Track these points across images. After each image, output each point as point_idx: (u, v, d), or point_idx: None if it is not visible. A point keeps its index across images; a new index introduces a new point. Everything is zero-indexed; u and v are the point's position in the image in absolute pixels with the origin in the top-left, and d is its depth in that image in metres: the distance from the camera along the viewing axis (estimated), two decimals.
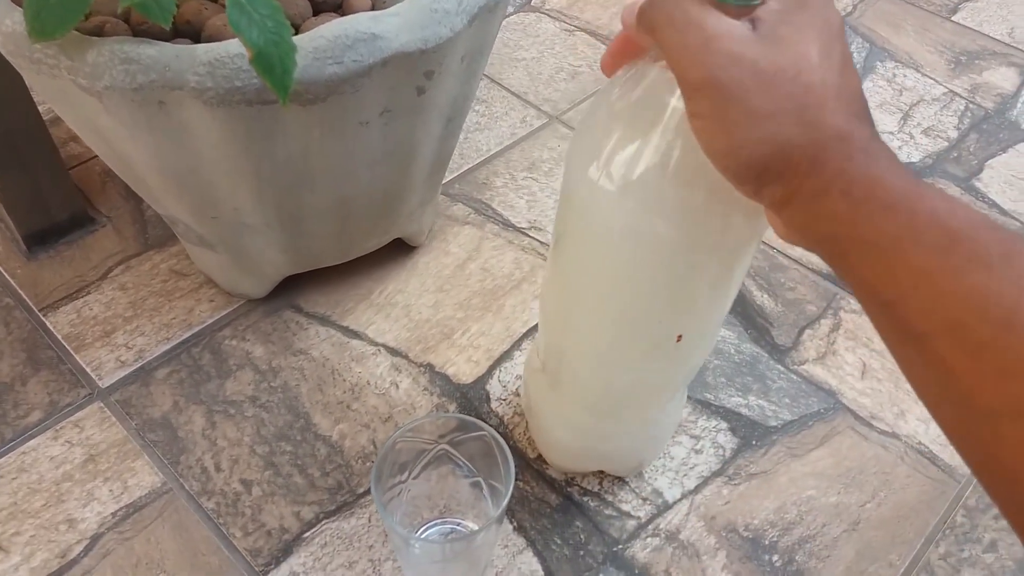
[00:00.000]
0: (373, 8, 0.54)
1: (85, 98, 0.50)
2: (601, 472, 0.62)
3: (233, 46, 0.47)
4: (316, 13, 0.55)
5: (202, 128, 0.50)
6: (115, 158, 0.58)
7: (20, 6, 0.50)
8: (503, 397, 0.66)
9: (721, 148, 0.31)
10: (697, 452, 0.63)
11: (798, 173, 0.30)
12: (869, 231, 0.29)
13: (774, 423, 0.65)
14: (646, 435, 0.58)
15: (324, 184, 0.57)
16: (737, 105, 0.30)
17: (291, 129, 0.51)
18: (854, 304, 0.74)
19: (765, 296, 0.74)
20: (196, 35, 0.53)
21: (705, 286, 0.44)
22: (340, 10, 0.55)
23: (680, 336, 0.46)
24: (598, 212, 0.41)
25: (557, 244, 0.47)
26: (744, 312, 0.73)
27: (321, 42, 0.47)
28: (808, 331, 0.72)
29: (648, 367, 0.49)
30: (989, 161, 0.88)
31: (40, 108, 0.69)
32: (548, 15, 1.05)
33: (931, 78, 0.98)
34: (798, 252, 0.78)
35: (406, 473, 0.55)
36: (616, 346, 0.48)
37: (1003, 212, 0.83)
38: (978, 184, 0.85)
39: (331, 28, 0.48)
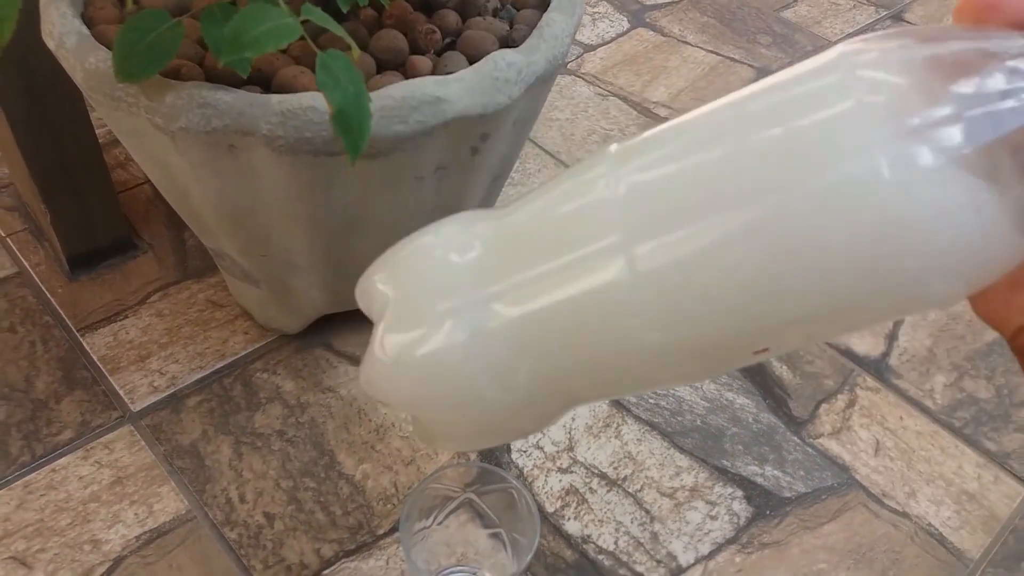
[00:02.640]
0: (434, 71, 0.57)
1: (158, 136, 0.52)
2: (617, 530, 0.63)
3: (306, 99, 0.50)
4: (380, 71, 0.58)
5: (267, 173, 0.53)
6: (174, 192, 0.60)
7: (104, 45, 0.53)
8: (523, 449, 0.68)
9: None
10: (712, 518, 0.65)
11: None
12: None
13: (788, 494, 0.67)
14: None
15: (374, 232, 0.59)
16: None
17: (351, 180, 0.54)
18: (871, 381, 0.75)
19: (784, 367, 0.76)
20: (266, 83, 0.55)
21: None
22: (403, 69, 0.58)
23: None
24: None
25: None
26: (763, 382, 0.75)
27: (389, 101, 0.50)
28: (825, 405, 0.73)
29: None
30: None
31: (97, 131, 0.72)
32: (583, 79, 1.09)
33: None
34: None
35: (431, 519, 0.56)
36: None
37: None
38: None
39: (399, 89, 0.50)
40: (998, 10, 0.26)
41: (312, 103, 0.49)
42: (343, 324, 0.75)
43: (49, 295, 0.76)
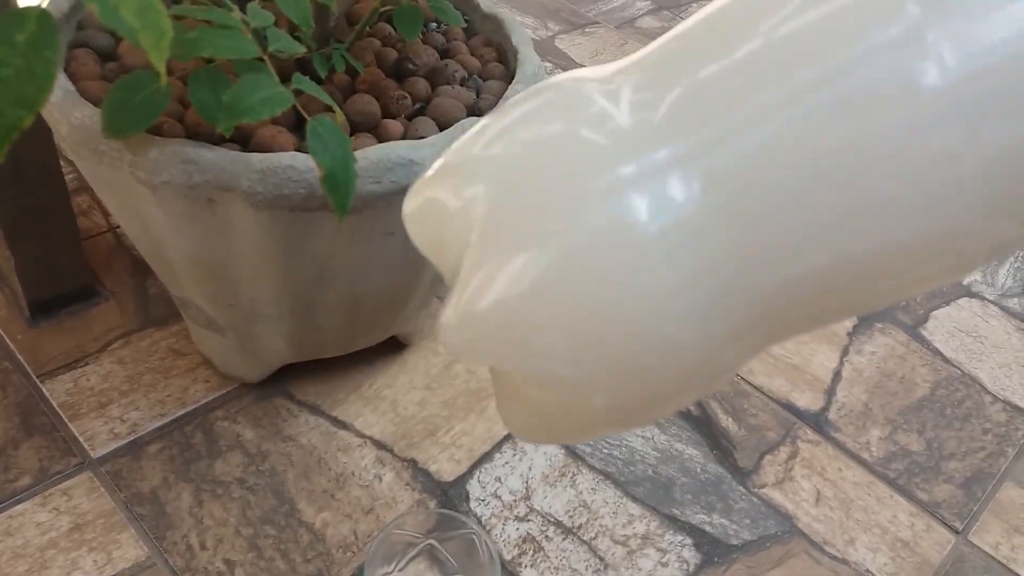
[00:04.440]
0: (405, 135, 0.60)
1: (139, 189, 0.54)
2: None
3: (285, 158, 0.52)
4: (353, 133, 0.60)
5: (244, 226, 0.55)
6: (148, 242, 0.62)
7: (89, 101, 0.55)
8: (482, 498, 0.70)
9: None
10: (663, 565, 0.67)
11: None
12: None
13: (735, 541, 0.70)
14: None
15: (342, 283, 0.62)
16: None
17: (324, 234, 0.56)
18: (811, 434, 0.79)
19: (730, 420, 0.80)
20: (244, 141, 0.58)
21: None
22: (376, 131, 0.61)
23: None
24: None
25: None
26: (710, 433, 0.78)
27: (365, 163, 0.53)
28: (768, 456, 0.77)
29: None
30: (934, 312, 0.96)
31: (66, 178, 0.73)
32: None
33: None
34: (760, 380, 0.84)
35: (392, 565, 0.58)
36: None
37: (945, 360, 0.90)
38: (924, 332, 0.93)
39: (375, 151, 0.53)
40: None
41: (291, 162, 0.52)
42: (302, 373, 0.76)
43: (8, 340, 0.76)
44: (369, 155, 0.53)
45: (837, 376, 0.86)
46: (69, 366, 0.75)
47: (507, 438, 0.75)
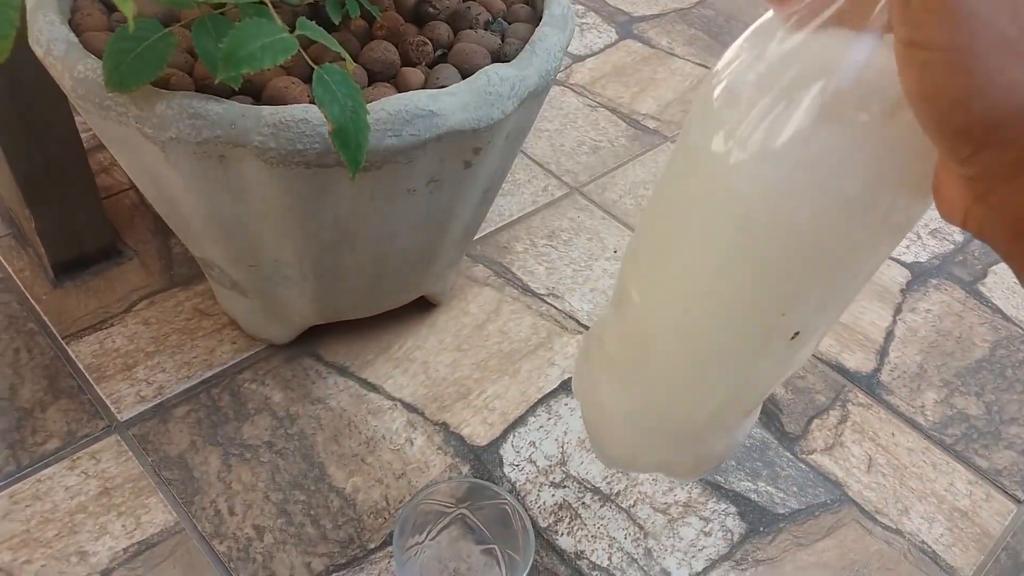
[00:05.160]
0: (425, 84, 0.57)
1: (148, 145, 0.51)
2: (610, 545, 0.62)
3: (298, 111, 0.49)
4: (371, 83, 0.57)
5: (258, 184, 0.52)
6: (163, 201, 0.59)
7: (93, 53, 0.52)
8: (516, 463, 0.67)
9: (950, 92, 0.24)
10: (706, 534, 0.64)
11: None
12: None
13: (782, 510, 0.66)
14: (716, 444, 0.50)
15: (365, 243, 0.59)
16: (988, 38, 0.23)
17: (343, 192, 0.53)
18: (862, 397, 0.75)
19: None
20: (256, 94, 0.55)
21: (839, 278, 0.37)
22: (394, 81, 0.57)
23: (796, 334, 0.39)
24: (727, 178, 0.34)
25: (664, 204, 0.40)
26: None
27: (382, 115, 0.49)
28: (817, 421, 0.73)
29: (749, 366, 0.42)
30: (993, 267, 0.91)
31: (83, 136, 0.71)
32: (572, 89, 1.09)
33: None
34: None
35: (423, 534, 0.56)
36: (720, 335, 0.41)
37: (1006, 318, 0.85)
38: (982, 288, 0.88)
39: (392, 103, 0.50)
40: None
41: (304, 115, 0.49)
42: (330, 334, 0.74)
43: (33, 302, 0.75)
44: (386, 106, 0.49)
45: (890, 335, 0.82)
46: (94, 327, 0.73)
47: (541, 401, 0.72)
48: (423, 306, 0.77)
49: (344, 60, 0.44)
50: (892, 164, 0.31)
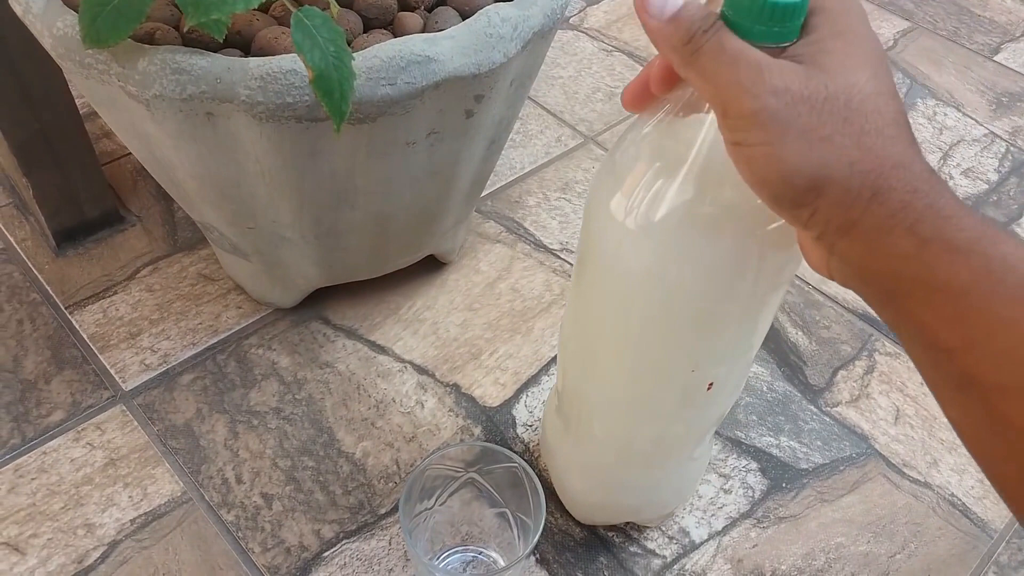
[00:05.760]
0: (424, 28, 0.54)
1: (133, 105, 0.49)
2: None
3: (286, 61, 0.46)
4: (367, 30, 0.54)
5: (248, 141, 0.50)
6: (155, 163, 0.57)
7: (72, 8, 0.49)
8: (529, 423, 0.66)
9: (775, 175, 0.30)
10: (726, 492, 0.62)
11: (860, 200, 0.29)
12: (939, 273, 0.28)
13: (805, 466, 0.64)
14: (674, 485, 0.56)
15: (365, 201, 0.56)
16: (792, 130, 0.29)
17: (338, 147, 0.51)
18: (889, 347, 0.72)
19: (799, 333, 0.73)
20: (246, 47, 0.52)
21: (736, 332, 0.42)
22: (391, 27, 0.54)
23: (711, 384, 0.44)
24: (619, 251, 0.39)
25: (579, 278, 0.45)
26: (778, 349, 0.72)
27: (375, 62, 0.47)
28: (842, 372, 0.70)
29: (677, 417, 0.47)
30: None
31: (77, 102, 0.69)
32: (587, 34, 1.05)
33: (972, 118, 0.97)
34: (833, 289, 0.77)
35: (433, 499, 0.54)
36: (642, 395, 0.46)
37: None
38: (1018, 229, 0.84)
39: (386, 49, 0.47)
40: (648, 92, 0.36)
41: (293, 66, 0.46)
42: (337, 297, 0.72)
43: (36, 271, 0.74)
44: (379, 53, 0.47)
45: None
46: (97, 295, 0.72)
47: (554, 360, 0.70)
48: (432, 265, 0.75)
49: (328, 4, 0.41)
50: (757, 229, 0.36)
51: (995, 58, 1.06)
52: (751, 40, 0.31)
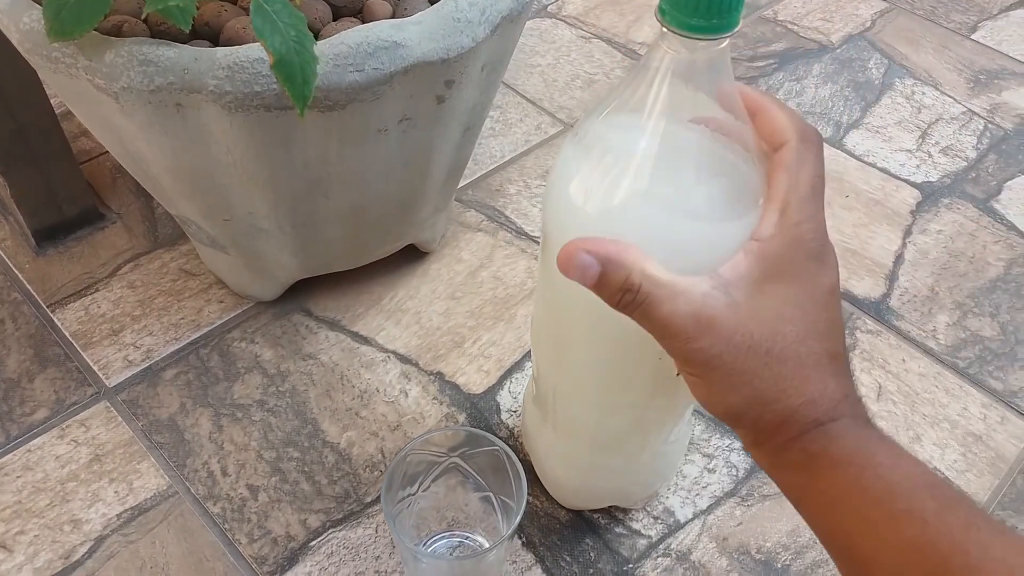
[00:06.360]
0: (394, 15, 0.54)
1: (102, 98, 0.49)
2: None
3: (253, 50, 0.46)
4: (336, 18, 0.54)
5: (219, 132, 0.50)
6: (129, 158, 0.57)
7: (38, 3, 0.49)
8: (513, 409, 0.66)
9: (703, 400, 0.36)
10: (710, 471, 0.63)
11: (767, 429, 0.35)
12: (823, 482, 0.34)
13: None
14: (653, 468, 0.56)
15: (340, 191, 0.56)
16: (717, 373, 0.34)
17: (309, 136, 0.51)
18: (871, 325, 0.73)
19: None
20: (215, 37, 0.52)
21: None
22: (360, 15, 0.54)
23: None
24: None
25: (544, 267, 0.45)
26: None
27: (342, 48, 0.47)
28: None
29: (648, 404, 0.48)
30: (1008, 183, 0.87)
31: (53, 102, 0.69)
32: (565, 21, 1.05)
33: (950, 96, 0.97)
34: None
35: (416, 485, 0.54)
36: (611, 383, 0.46)
37: (1022, 234, 0.82)
38: (996, 206, 0.85)
39: (352, 35, 0.47)
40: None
41: (260, 54, 0.46)
42: (319, 288, 0.72)
43: (16, 271, 0.73)
44: (347, 39, 0.47)
45: (899, 259, 0.79)
46: (79, 293, 0.72)
47: None
48: (413, 255, 0.75)
49: None
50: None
51: (972, 36, 1.07)
52: (689, 33, 0.30)
